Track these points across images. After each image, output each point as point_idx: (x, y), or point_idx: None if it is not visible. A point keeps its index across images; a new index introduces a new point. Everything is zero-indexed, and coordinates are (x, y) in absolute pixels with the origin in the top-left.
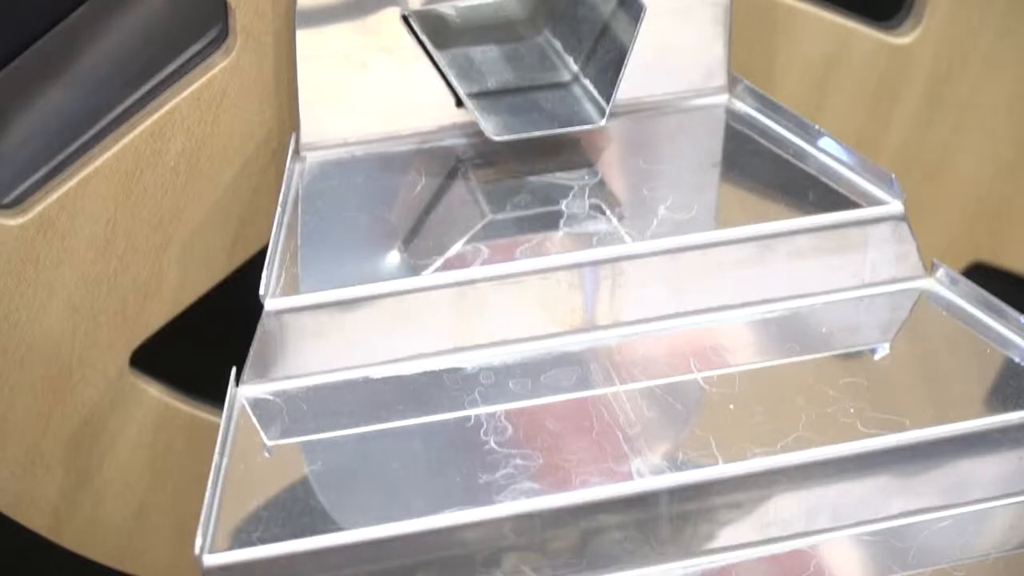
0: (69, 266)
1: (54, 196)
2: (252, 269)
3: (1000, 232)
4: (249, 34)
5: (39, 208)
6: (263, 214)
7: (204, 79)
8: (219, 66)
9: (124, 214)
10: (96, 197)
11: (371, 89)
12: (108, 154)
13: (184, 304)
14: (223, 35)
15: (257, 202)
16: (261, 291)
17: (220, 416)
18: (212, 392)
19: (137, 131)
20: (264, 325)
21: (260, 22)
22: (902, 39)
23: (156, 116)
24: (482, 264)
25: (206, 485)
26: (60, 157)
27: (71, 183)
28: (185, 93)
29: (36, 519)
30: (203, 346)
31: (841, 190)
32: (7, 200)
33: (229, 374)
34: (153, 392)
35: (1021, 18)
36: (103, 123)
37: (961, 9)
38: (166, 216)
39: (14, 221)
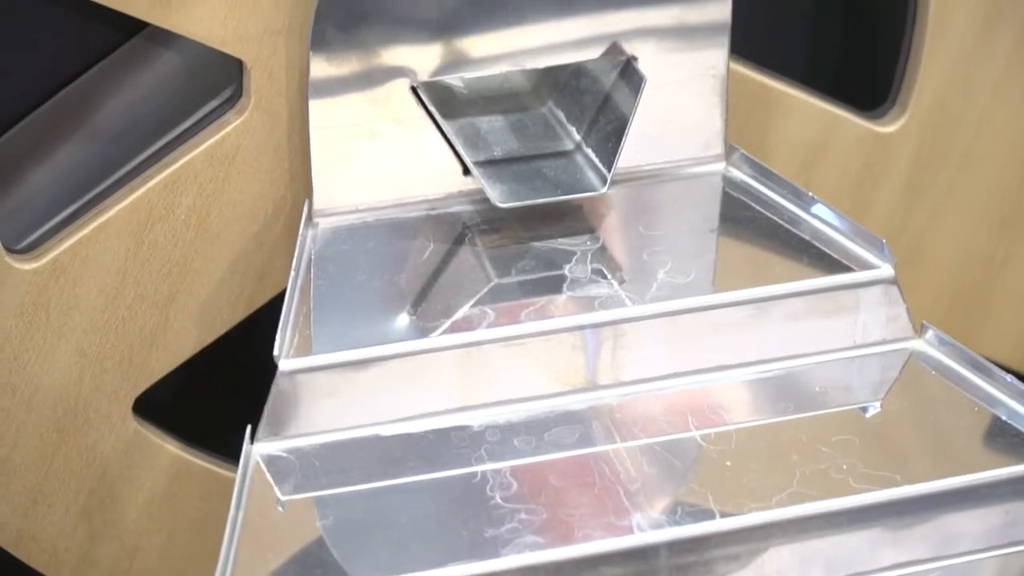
0: (79, 312)
1: (67, 243)
2: (266, 327)
3: (974, 319)
4: (262, 95)
5: (52, 254)
6: (268, 270)
7: (217, 137)
8: (232, 125)
9: (134, 264)
10: (108, 246)
11: (381, 157)
12: (121, 205)
13: (187, 354)
14: (237, 95)
15: (263, 258)
16: (275, 352)
17: (205, 460)
18: (210, 433)
19: (150, 184)
20: (278, 385)
21: (273, 84)
22: (886, 128)
23: (169, 170)
24: (488, 326)
25: (203, 530)
26: (75, 206)
27: (84, 231)
28: (198, 150)
29: (36, 556)
30: (210, 399)
31: (834, 254)
32: (22, 245)
33: (237, 428)
34: (153, 438)
35: (1001, 112)
36: (118, 175)
37: (944, 101)
38: (175, 268)
39: (28, 266)
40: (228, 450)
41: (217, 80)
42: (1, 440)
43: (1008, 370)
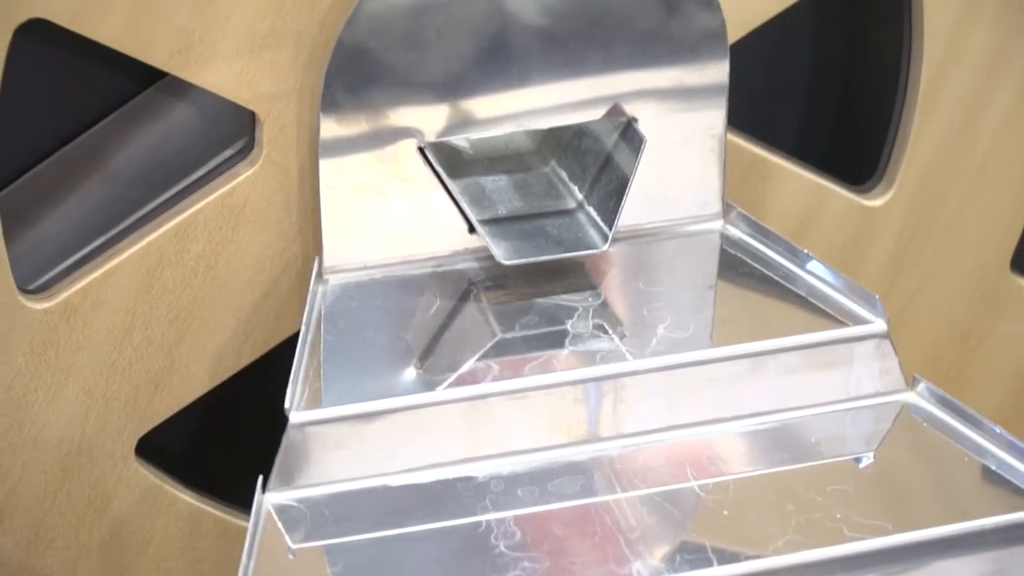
0: (87, 352)
1: (79, 285)
2: (279, 380)
3: (951, 391)
4: (274, 147)
5: (64, 295)
6: (273, 319)
7: (228, 187)
8: (243, 176)
9: (143, 307)
10: (118, 289)
11: (389, 216)
12: (132, 250)
13: (190, 398)
14: (249, 147)
15: (268, 307)
16: (286, 405)
17: (213, 507)
18: (219, 481)
19: (161, 230)
20: (289, 436)
21: (284, 137)
22: (874, 202)
23: (180, 218)
24: (492, 380)
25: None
26: (87, 249)
27: (96, 274)
28: (209, 198)
29: None
30: (220, 447)
31: (828, 310)
32: (34, 285)
33: (244, 475)
34: (154, 479)
35: (984, 192)
36: (130, 220)
37: (929, 179)
38: (182, 313)
39: (40, 305)
40: (236, 498)
41: (229, 132)
42: (6, 475)
43: None
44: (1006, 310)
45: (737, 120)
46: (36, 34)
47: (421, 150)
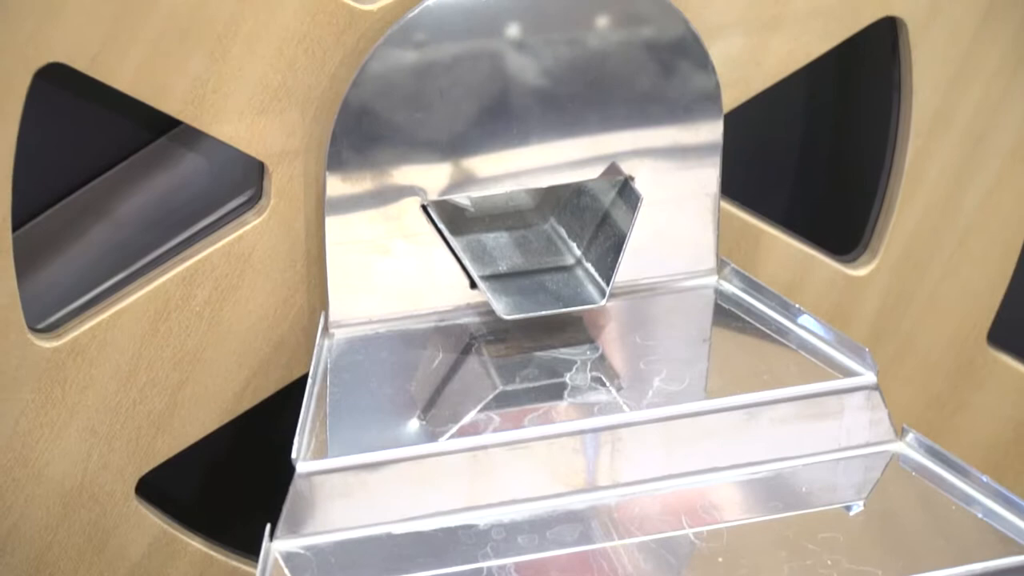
0: (93, 392)
1: (87, 325)
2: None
3: None
4: (281, 198)
5: (72, 335)
6: (274, 366)
7: (236, 235)
8: (250, 224)
9: (148, 350)
10: (125, 331)
11: (393, 272)
12: (140, 293)
13: (191, 440)
14: (257, 196)
15: (270, 354)
16: (293, 455)
17: (199, 543)
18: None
19: (169, 275)
20: (296, 486)
21: (292, 188)
22: (858, 271)
23: (188, 263)
24: (494, 431)
25: None
26: (96, 291)
27: (103, 315)
28: (217, 246)
29: None
30: (229, 495)
31: (819, 362)
32: (43, 324)
33: (255, 524)
34: (153, 518)
35: (965, 264)
36: (139, 264)
37: (912, 251)
38: (186, 356)
39: (48, 344)
40: (242, 543)
41: (238, 182)
42: (9, 510)
43: None
44: (982, 381)
45: (729, 188)
46: (53, 79)
47: (424, 208)
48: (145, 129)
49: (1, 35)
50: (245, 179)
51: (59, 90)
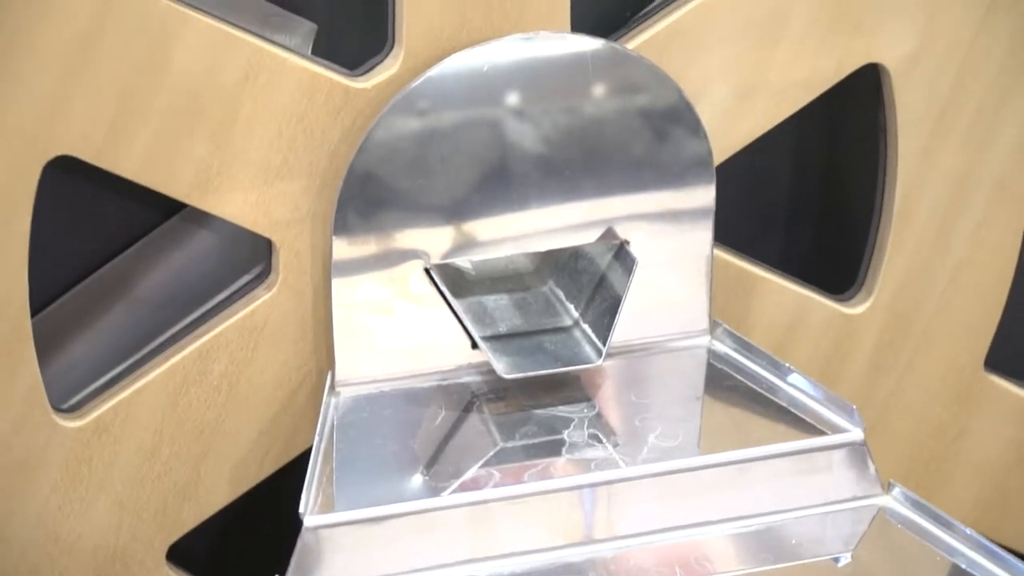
0: (118, 467)
1: (109, 404)
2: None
3: (932, 486)
4: (289, 272)
5: (96, 414)
6: (292, 432)
7: (247, 310)
8: (261, 299)
9: (170, 424)
10: (146, 407)
11: (397, 332)
12: (159, 370)
13: (216, 507)
14: (267, 271)
15: (287, 421)
16: (301, 509)
17: None
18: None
19: (185, 352)
20: (303, 539)
21: (299, 262)
22: (854, 310)
23: (203, 340)
24: (494, 486)
25: None
26: (117, 370)
27: (125, 393)
28: (230, 321)
29: None
30: (241, 550)
31: (808, 419)
32: (68, 405)
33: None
34: None
35: (958, 297)
36: (156, 343)
37: (906, 287)
38: (207, 428)
39: (73, 424)
40: None
41: (248, 258)
42: None
43: None
44: (981, 407)
45: (724, 235)
46: (66, 169)
47: (427, 271)
48: (156, 210)
49: (9, 130)
50: (254, 255)
51: (72, 177)
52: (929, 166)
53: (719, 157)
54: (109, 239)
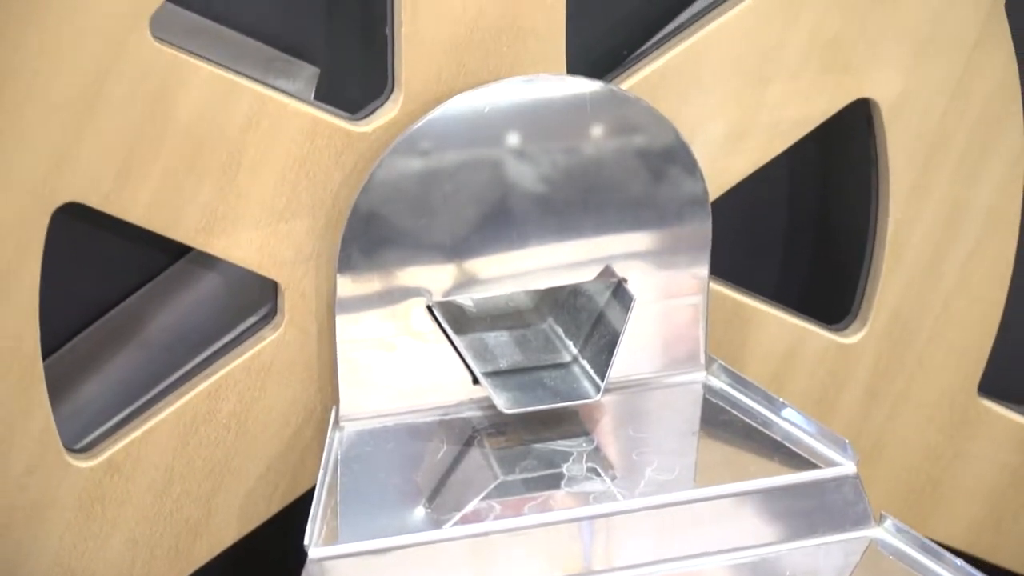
0: (131, 505)
1: (121, 444)
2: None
3: (926, 507)
4: (295, 313)
5: (107, 454)
6: (300, 469)
7: (254, 350)
8: (268, 339)
9: (180, 462)
10: (157, 446)
11: (400, 368)
12: (169, 410)
13: (228, 543)
14: (273, 312)
15: (295, 459)
16: (305, 541)
17: None
18: None
19: (195, 392)
20: (308, 570)
21: (304, 303)
22: (849, 339)
23: (212, 380)
24: (495, 519)
25: None
26: (128, 411)
27: (136, 433)
28: (237, 361)
29: None
30: None
31: (802, 453)
32: (80, 445)
33: None
34: None
35: (951, 325)
36: (166, 383)
37: (900, 316)
38: (216, 466)
39: (85, 464)
40: None
41: (255, 299)
42: None
43: (960, 552)
44: (975, 431)
45: (720, 269)
46: (75, 214)
47: (429, 308)
48: (164, 253)
49: (19, 179)
50: (261, 294)
51: (81, 222)
52: (920, 197)
53: (714, 193)
54: (118, 282)
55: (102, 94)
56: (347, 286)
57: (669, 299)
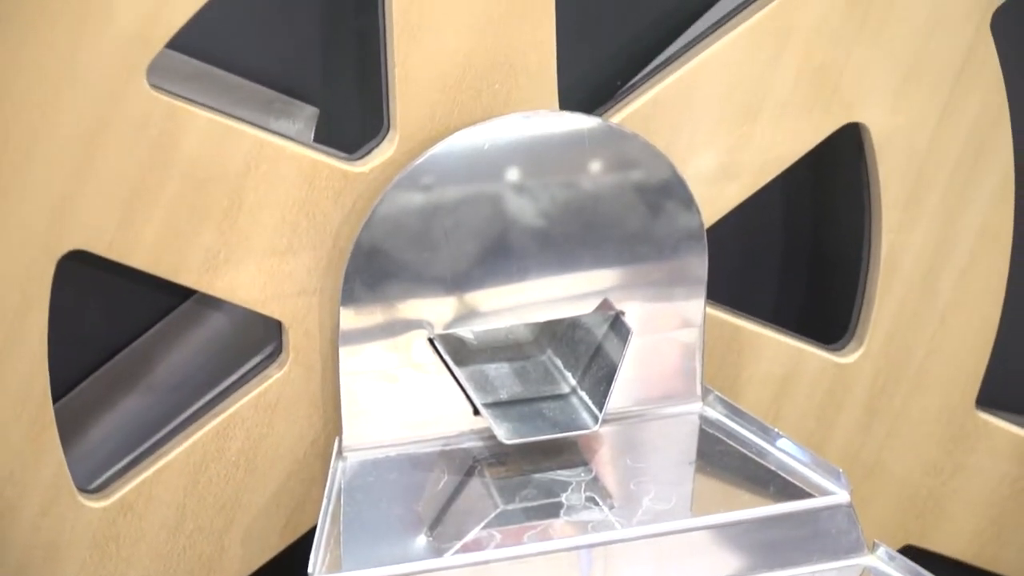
0: (145, 543)
1: (133, 483)
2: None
3: (927, 520)
4: (300, 351)
5: (120, 493)
6: (310, 502)
7: (261, 388)
8: (274, 377)
9: (192, 500)
10: (168, 485)
11: (402, 399)
12: (179, 449)
13: None
14: (278, 351)
15: (304, 492)
16: (309, 569)
17: None
18: None
19: (204, 430)
20: None
21: (308, 341)
22: (846, 359)
23: (220, 418)
24: (495, 547)
25: None
26: (138, 451)
27: (147, 473)
28: (245, 399)
29: None
30: None
31: (797, 483)
32: (93, 486)
33: None
34: None
35: (947, 341)
36: (175, 423)
37: (896, 335)
38: (228, 503)
39: (99, 504)
40: None
41: (260, 337)
42: None
43: (963, 564)
44: (974, 445)
45: (717, 293)
46: (83, 260)
47: (431, 341)
48: (170, 295)
49: (23, 229)
50: (266, 332)
51: (88, 267)
52: (912, 217)
53: (709, 221)
54: (126, 325)
55: (102, 144)
56: (350, 319)
57: (666, 332)
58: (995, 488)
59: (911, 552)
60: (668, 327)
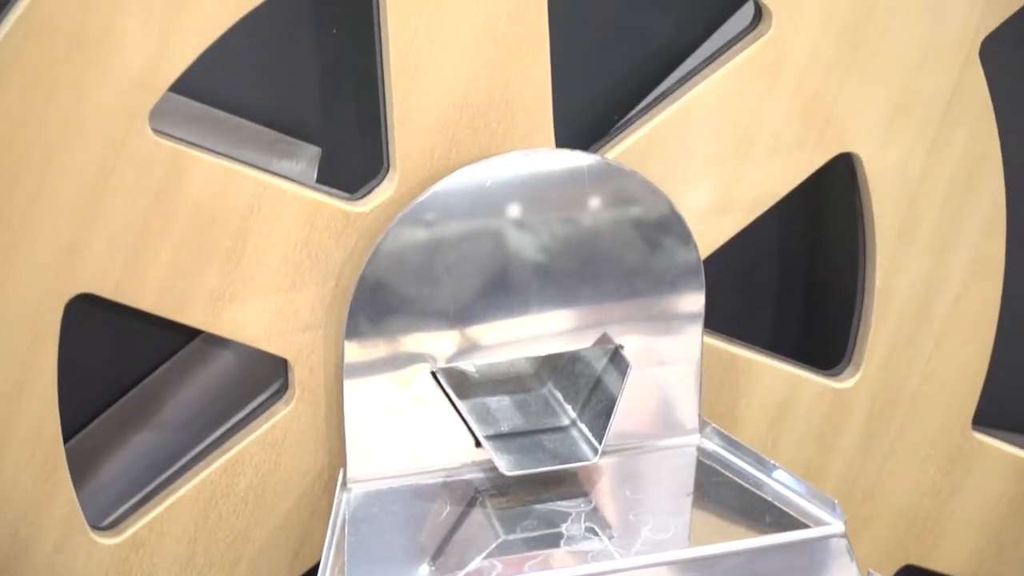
0: None
1: (144, 520)
2: None
3: (926, 541)
4: (305, 387)
5: (131, 530)
6: (318, 536)
7: (268, 425)
8: (280, 414)
9: (202, 535)
10: (179, 521)
11: (405, 431)
12: (188, 486)
13: None
14: (284, 388)
15: (312, 525)
16: None
17: None
18: None
19: (212, 467)
20: None
21: (313, 377)
22: (843, 384)
23: (228, 455)
24: None
25: None
26: (149, 488)
27: (158, 509)
28: (252, 436)
29: None
30: None
31: (792, 513)
32: (106, 523)
33: None
34: None
35: (942, 365)
36: (184, 460)
37: (892, 359)
38: (237, 537)
39: (111, 541)
40: None
41: (267, 374)
42: None
43: None
44: (972, 465)
45: (715, 322)
46: (92, 302)
47: (433, 374)
48: (177, 334)
49: (31, 275)
50: (273, 369)
51: (96, 309)
52: (906, 244)
53: (703, 254)
54: (135, 364)
55: (107, 190)
56: (354, 352)
57: (664, 365)
58: (993, 507)
59: (909, 573)
60: (666, 361)
